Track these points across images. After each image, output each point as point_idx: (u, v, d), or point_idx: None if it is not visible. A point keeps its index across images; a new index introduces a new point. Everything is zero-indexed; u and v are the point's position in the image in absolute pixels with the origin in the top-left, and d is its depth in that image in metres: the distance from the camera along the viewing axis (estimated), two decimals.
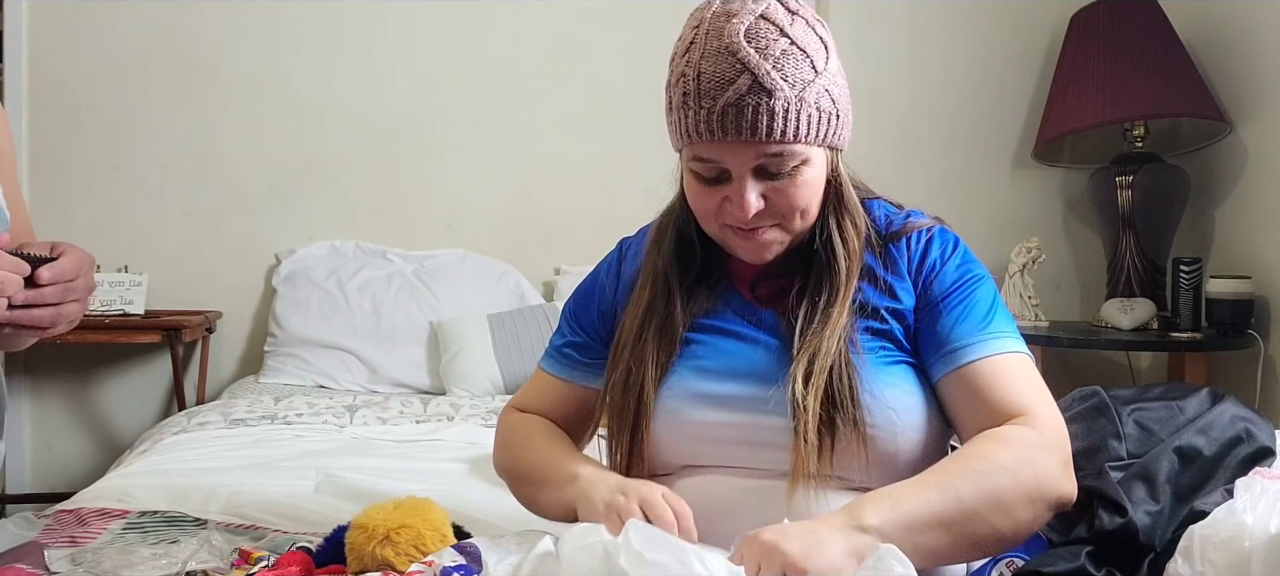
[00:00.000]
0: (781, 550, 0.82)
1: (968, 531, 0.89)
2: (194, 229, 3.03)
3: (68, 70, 2.97)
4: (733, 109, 0.94)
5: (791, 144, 0.96)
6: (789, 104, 0.94)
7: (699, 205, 1.03)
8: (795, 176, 0.98)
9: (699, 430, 1.02)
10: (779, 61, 0.94)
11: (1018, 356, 1.02)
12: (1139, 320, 2.68)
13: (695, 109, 0.96)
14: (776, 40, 0.95)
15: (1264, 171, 2.63)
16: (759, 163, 0.97)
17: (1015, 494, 0.91)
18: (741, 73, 0.94)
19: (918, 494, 0.89)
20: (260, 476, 1.67)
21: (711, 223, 1.04)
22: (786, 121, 0.94)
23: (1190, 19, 2.82)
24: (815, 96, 0.96)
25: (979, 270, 1.07)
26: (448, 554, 0.90)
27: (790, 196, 0.99)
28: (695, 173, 1.01)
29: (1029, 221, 3.12)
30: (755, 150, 0.96)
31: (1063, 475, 0.94)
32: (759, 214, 0.99)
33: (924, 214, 1.13)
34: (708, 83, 0.95)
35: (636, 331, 1.08)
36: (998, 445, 0.93)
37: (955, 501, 0.89)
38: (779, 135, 0.95)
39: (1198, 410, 1.13)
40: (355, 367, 2.75)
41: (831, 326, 1.00)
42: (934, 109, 3.17)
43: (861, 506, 0.88)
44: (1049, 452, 0.94)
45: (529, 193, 3.13)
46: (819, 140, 0.98)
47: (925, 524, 0.88)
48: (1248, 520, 0.82)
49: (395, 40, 3.08)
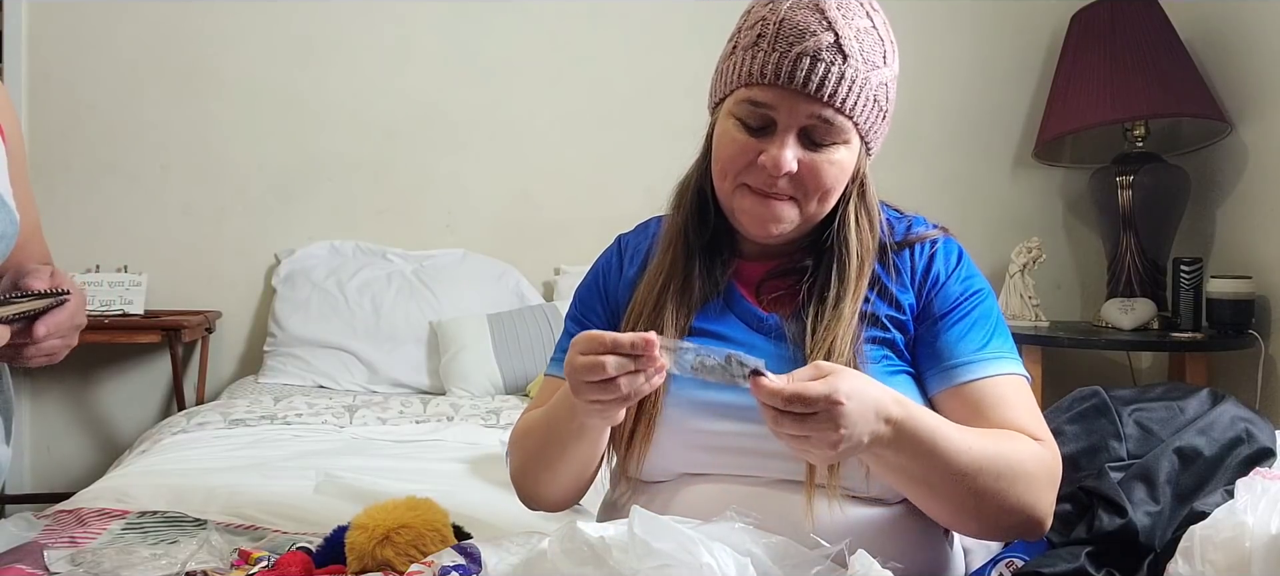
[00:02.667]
0: (836, 417, 0.83)
1: (959, 482, 0.91)
2: (194, 229, 3.03)
3: (68, 70, 2.97)
4: (808, 58, 0.95)
5: (845, 116, 0.97)
6: (857, 76, 0.97)
7: (728, 154, 1.01)
8: (831, 153, 0.99)
9: (701, 438, 1.01)
10: (860, 35, 0.97)
11: (1016, 379, 1.02)
12: (1139, 320, 2.68)
13: (768, 50, 0.97)
14: (862, 18, 0.98)
15: (1264, 171, 2.63)
16: (809, 124, 0.97)
17: (1015, 491, 0.93)
18: (826, 29, 0.96)
19: (941, 421, 0.93)
20: (260, 476, 1.67)
21: (730, 178, 1.02)
22: (851, 91, 0.97)
23: (1190, 19, 2.82)
24: (877, 84, 0.99)
25: (981, 284, 1.07)
26: (447, 554, 0.90)
27: (820, 173, 0.99)
28: (740, 119, 1.00)
29: (1029, 221, 3.12)
30: (812, 109, 0.96)
31: (1050, 508, 0.97)
32: (786, 179, 0.98)
33: (927, 221, 1.12)
34: (789, 28, 0.96)
35: (655, 299, 1.06)
36: (1022, 446, 0.96)
37: (967, 450, 0.91)
38: (840, 102, 0.96)
39: (1198, 410, 1.13)
40: (355, 368, 2.75)
41: (844, 323, 1.00)
42: (934, 109, 3.17)
43: (894, 397, 0.90)
44: (1052, 485, 0.97)
45: (529, 193, 3.13)
46: (865, 127, 1.00)
47: (933, 447, 0.90)
48: (1248, 520, 0.82)
49: (395, 40, 3.08)
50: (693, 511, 0.94)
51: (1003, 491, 0.92)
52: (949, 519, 0.98)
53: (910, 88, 3.31)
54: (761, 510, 0.95)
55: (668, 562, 0.75)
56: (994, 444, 0.94)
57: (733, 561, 0.78)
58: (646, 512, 0.81)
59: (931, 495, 0.94)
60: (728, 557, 0.78)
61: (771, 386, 0.84)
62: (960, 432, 0.93)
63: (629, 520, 0.78)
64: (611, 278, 1.16)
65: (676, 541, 0.77)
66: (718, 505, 0.99)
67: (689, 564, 0.75)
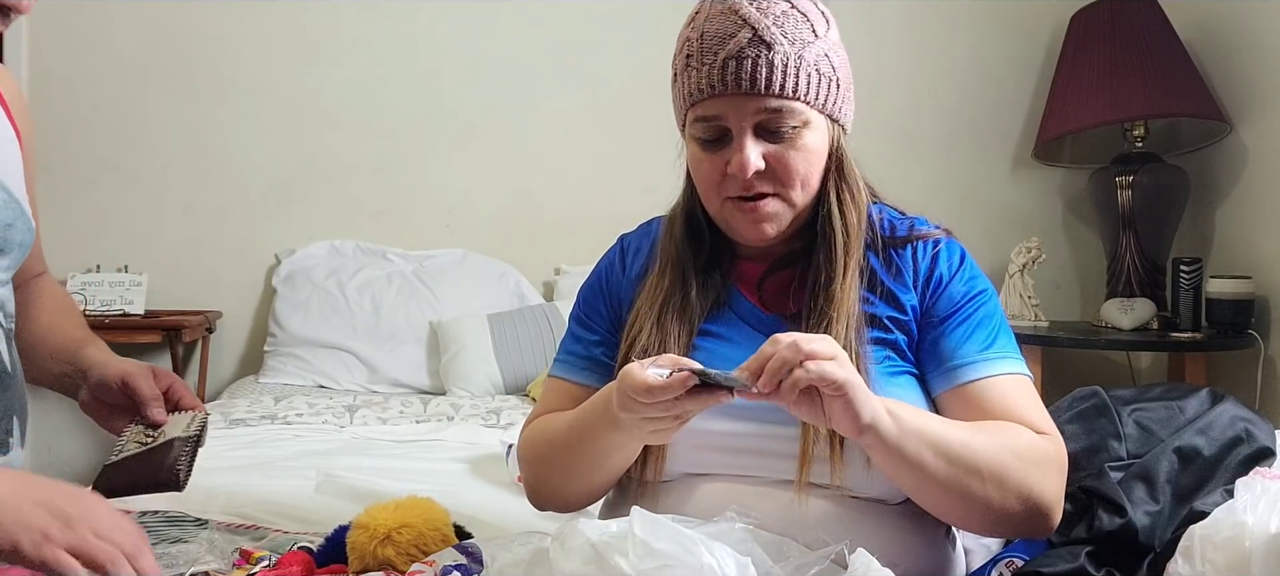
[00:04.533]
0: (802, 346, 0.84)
1: (961, 481, 0.92)
2: (194, 229, 3.03)
3: (68, 70, 2.97)
4: (733, 61, 0.97)
5: (790, 100, 0.98)
6: (788, 59, 0.97)
7: (702, 175, 1.03)
8: (795, 139, 0.99)
9: (707, 437, 1.01)
10: (779, 20, 0.98)
11: (1020, 378, 1.02)
12: (1139, 320, 2.69)
13: (697, 67, 0.99)
14: (780, 4, 0.99)
15: (1264, 171, 2.63)
16: (759, 120, 0.98)
17: (1018, 483, 0.93)
18: (742, 27, 0.97)
19: (942, 420, 0.95)
20: (261, 476, 1.67)
21: (714, 197, 1.03)
22: (785, 76, 0.97)
23: (1190, 19, 2.82)
24: (814, 58, 0.99)
25: (984, 285, 1.07)
26: (448, 553, 0.90)
27: (789, 161, 1.00)
28: (697, 139, 1.02)
29: (1029, 221, 3.12)
30: (755, 105, 0.98)
31: (1057, 498, 0.97)
32: (759, 177, 0.99)
33: (929, 221, 1.12)
34: (710, 40, 0.99)
35: (656, 315, 1.06)
36: (1025, 437, 0.96)
37: (967, 448, 0.92)
38: (779, 88, 0.97)
39: (1198, 410, 1.13)
40: (355, 368, 2.75)
41: (837, 304, 1.00)
42: (934, 109, 3.17)
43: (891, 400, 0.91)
44: (1059, 475, 0.97)
45: (529, 192, 3.13)
46: (818, 104, 1.00)
47: (934, 443, 0.91)
48: (1248, 520, 0.82)
49: (395, 40, 3.08)
50: (697, 511, 0.94)
51: (1006, 479, 0.92)
52: (955, 513, 0.97)
53: (910, 88, 3.32)
54: (766, 510, 0.95)
55: (668, 562, 0.75)
56: (993, 434, 0.94)
57: (733, 561, 0.78)
58: (646, 512, 0.81)
59: (935, 487, 0.93)
60: (728, 557, 0.78)
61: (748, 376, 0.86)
62: (957, 425, 0.95)
63: (629, 520, 0.79)
64: (614, 277, 1.16)
65: (677, 541, 0.77)
66: (722, 505, 0.99)
67: (689, 564, 0.75)
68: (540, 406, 1.15)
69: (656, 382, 0.86)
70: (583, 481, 1.06)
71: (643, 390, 0.86)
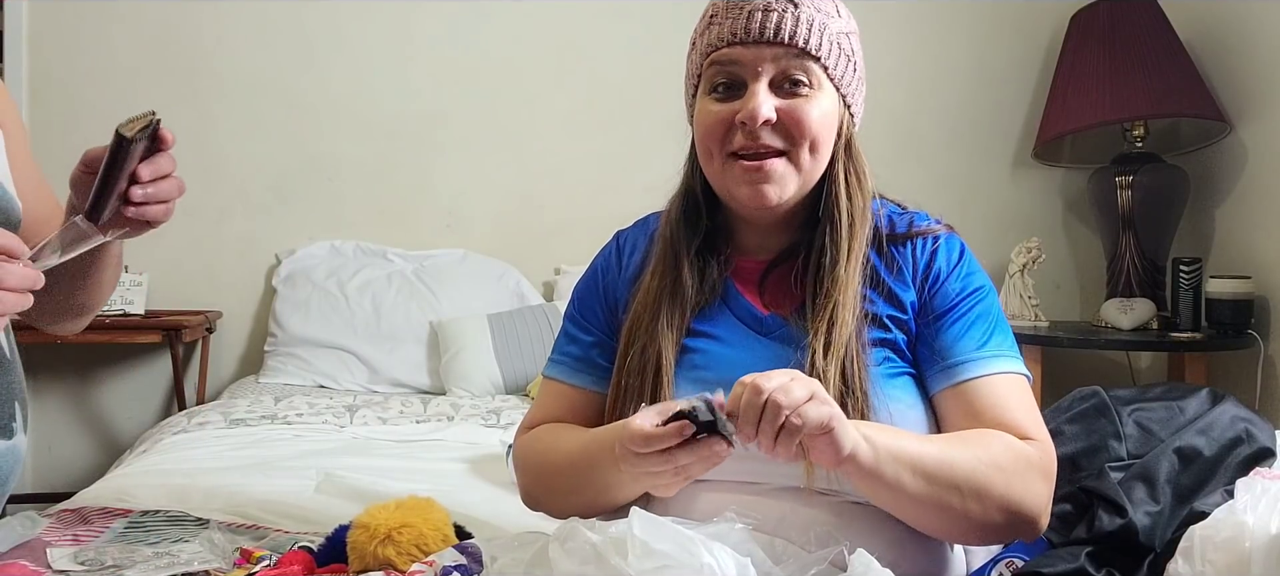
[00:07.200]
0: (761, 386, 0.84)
1: (941, 498, 0.92)
2: (194, 229, 3.02)
3: (68, 70, 2.97)
4: (760, 13, 0.99)
5: (809, 58, 0.99)
6: (813, 20, 0.99)
7: (708, 127, 1.02)
8: (810, 98, 1.00)
9: None
10: None
11: (1016, 378, 1.01)
12: (1139, 320, 2.69)
13: (721, 22, 1.01)
14: None
15: (1264, 171, 2.63)
16: (779, 68, 0.99)
17: (999, 495, 0.93)
18: None
19: (919, 438, 0.95)
20: (261, 476, 1.67)
21: (717, 154, 1.02)
22: (811, 32, 0.99)
23: (1190, 19, 2.82)
24: (836, 32, 1.01)
25: (983, 281, 1.06)
26: (449, 553, 0.91)
27: (801, 116, 0.99)
28: (710, 90, 1.02)
29: (1029, 221, 3.12)
30: (774, 52, 0.99)
31: (1042, 505, 0.96)
32: (768, 133, 0.99)
33: (929, 216, 1.11)
34: None
35: (652, 307, 1.05)
36: (1005, 446, 0.95)
37: (947, 465, 0.92)
38: (802, 42, 0.99)
39: (1198, 410, 1.13)
40: (355, 367, 2.75)
41: (842, 290, 0.99)
42: (934, 109, 3.17)
43: (867, 424, 0.91)
44: (1045, 480, 0.97)
45: (529, 193, 3.13)
46: (835, 73, 1.01)
47: (912, 463, 0.91)
48: (1248, 520, 0.82)
49: (395, 40, 3.08)
50: (691, 516, 0.94)
51: (986, 492, 0.92)
52: (937, 528, 0.97)
53: (910, 88, 3.32)
54: (766, 514, 0.95)
55: (668, 563, 0.75)
56: (973, 447, 0.94)
57: (733, 562, 0.78)
58: (646, 513, 0.81)
59: (915, 505, 0.93)
60: (728, 558, 0.78)
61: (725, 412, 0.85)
62: (935, 440, 0.95)
63: (629, 520, 0.79)
64: (610, 275, 1.15)
65: (677, 542, 0.77)
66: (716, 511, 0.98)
67: (689, 564, 0.76)
68: (536, 410, 1.14)
69: (654, 431, 0.85)
70: (586, 507, 1.04)
71: (640, 439, 0.86)
